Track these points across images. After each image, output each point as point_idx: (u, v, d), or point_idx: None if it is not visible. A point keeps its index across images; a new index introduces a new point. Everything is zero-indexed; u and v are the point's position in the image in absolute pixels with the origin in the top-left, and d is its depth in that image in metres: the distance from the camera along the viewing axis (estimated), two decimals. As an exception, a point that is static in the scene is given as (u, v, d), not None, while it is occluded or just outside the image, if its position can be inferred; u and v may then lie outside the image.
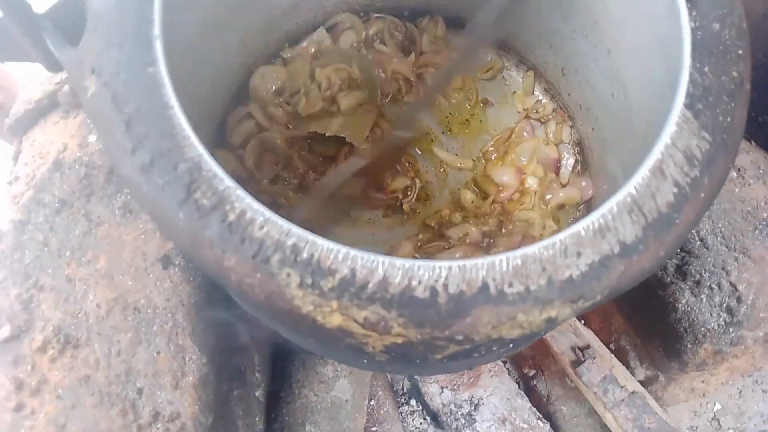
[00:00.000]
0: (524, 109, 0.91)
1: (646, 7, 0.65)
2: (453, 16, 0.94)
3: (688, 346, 0.78)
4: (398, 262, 0.42)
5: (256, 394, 0.84)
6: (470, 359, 0.65)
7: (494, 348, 0.57)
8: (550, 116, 0.90)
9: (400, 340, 0.43)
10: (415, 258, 0.78)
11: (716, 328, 0.76)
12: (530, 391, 1.01)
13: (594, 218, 0.45)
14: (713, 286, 0.76)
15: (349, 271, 0.42)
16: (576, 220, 0.83)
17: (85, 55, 0.49)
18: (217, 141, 0.83)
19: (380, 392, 0.96)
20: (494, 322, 0.42)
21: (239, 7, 0.78)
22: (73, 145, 0.87)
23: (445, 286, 0.42)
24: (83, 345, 0.70)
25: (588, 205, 0.83)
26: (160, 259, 0.77)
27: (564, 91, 0.88)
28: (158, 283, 0.75)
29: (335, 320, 0.42)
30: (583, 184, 0.83)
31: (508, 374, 1.01)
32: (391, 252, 0.79)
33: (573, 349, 0.88)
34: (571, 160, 0.87)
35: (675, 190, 0.47)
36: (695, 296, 0.77)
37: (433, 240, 0.81)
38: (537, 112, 0.90)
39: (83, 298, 0.74)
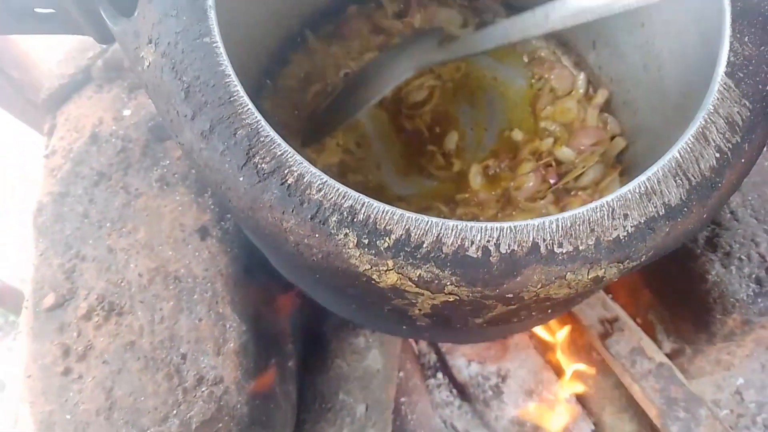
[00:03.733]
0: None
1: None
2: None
3: (717, 316, 0.79)
4: (451, 223, 0.43)
5: (289, 364, 0.86)
6: (509, 324, 0.66)
7: (534, 312, 0.59)
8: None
9: (451, 299, 0.45)
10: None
11: (745, 298, 0.77)
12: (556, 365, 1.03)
13: (640, 181, 0.46)
14: (743, 257, 0.77)
15: (404, 232, 0.43)
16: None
17: (140, 27, 0.51)
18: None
19: (408, 365, 0.98)
20: (544, 280, 0.43)
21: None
22: (108, 119, 0.89)
23: (497, 245, 0.43)
24: (127, 312, 0.72)
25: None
26: (198, 231, 0.79)
27: (594, 64, 0.88)
28: (197, 254, 0.77)
29: (390, 279, 0.44)
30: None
31: (535, 348, 1.02)
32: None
33: (601, 321, 0.89)
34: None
35: (717, 155, 0.48)
36: (725, 267, 0.78)
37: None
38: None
39: (125, 267, 0.76)
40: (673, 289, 0.88)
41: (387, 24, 0.93)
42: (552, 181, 0.86)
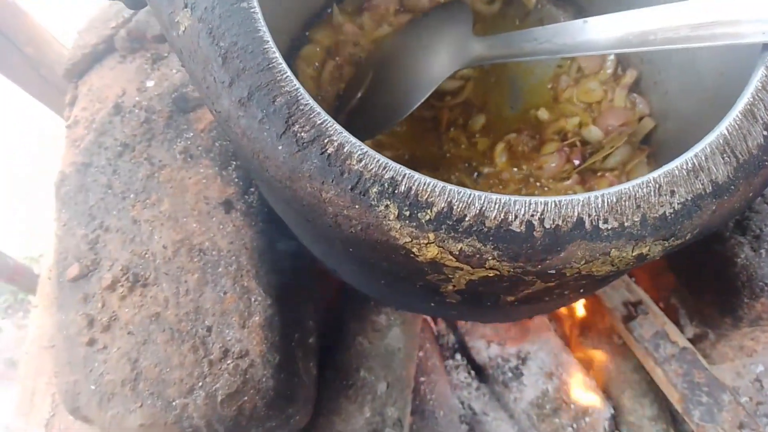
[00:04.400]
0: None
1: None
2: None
3: (745, 300, 0.78)
4: (494, 196, 0.42)
5: (310, 340, 0.86)
6: (539, 304, 0.66)
7: (567, 291, 0.58)
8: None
9: (491, 274, 0.44)
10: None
11: (775, 282, 0.76)
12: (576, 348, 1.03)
13: (687, 157, 0.45)
14: (773, 241, 0.76)
15: (446, 205, 0.42)
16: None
17: (176, -11, 0.50)
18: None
19: (427, 345, 0.98)
20: (587, 257, 0.43)
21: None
22: (131, 90, 0.88)
23: (541, 220, 0.42)
24: (152, 284, 0.72)
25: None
26: (222, 204, 0.78)
27: (625, 44, 0.87)
28: (221, 227, 0.77)
29: (431, 252, 0.43)
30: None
31: (555, 330, 1.02)
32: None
33: (625, 304, 0.88)
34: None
35: (765, 133, 0.47)
36: (754, 251, 0.77)
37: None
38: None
39: (149, 239, 0.75)
40: (699, 273, 0.87)
41: (412, 3, 0.91)
42: (576, 162, 0.85)
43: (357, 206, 0.43)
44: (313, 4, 0.89)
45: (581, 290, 0.63)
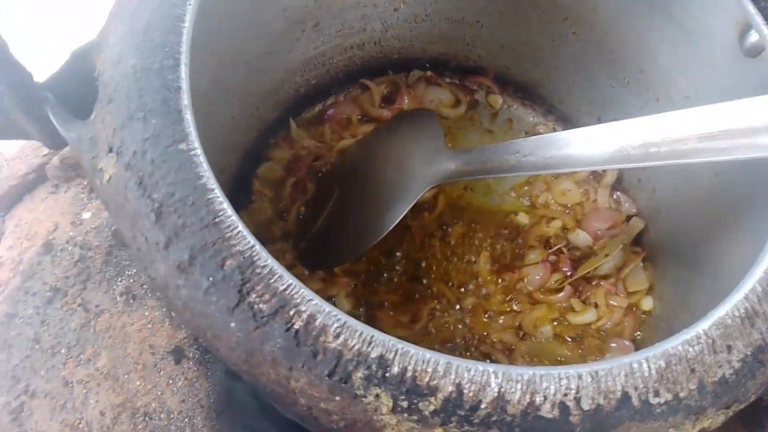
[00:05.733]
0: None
1: (705, 57, 0.59)
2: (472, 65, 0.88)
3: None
4: (515, 372, 0.33)
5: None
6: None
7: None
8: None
9: (520, 472, 0.34)
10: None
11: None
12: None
13: (737, 301, 0.37)
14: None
15: (455, 388, 0.33)
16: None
17: (99, 132, 0.41)
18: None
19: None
20: (640, 442, 0.33)
21: (249, 70, 0.71)
22: (64, 224, 0.78)
23: (577, 400, 0.33)
24: (86, 465, 0.59)
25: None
26: (171, 352, 0.67)
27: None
28: (171, 382, 0.65)
29: (440, 452, 0.33)
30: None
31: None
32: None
33: None
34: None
35: (820, 256, 0.39)
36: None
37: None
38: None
39: (83, 404, 0.63)
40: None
41: (375, 113, 0.85)
42: (566, 270, 0.77)
43: (338, 398, 0.33)
44: (268, 116, 0.81)
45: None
